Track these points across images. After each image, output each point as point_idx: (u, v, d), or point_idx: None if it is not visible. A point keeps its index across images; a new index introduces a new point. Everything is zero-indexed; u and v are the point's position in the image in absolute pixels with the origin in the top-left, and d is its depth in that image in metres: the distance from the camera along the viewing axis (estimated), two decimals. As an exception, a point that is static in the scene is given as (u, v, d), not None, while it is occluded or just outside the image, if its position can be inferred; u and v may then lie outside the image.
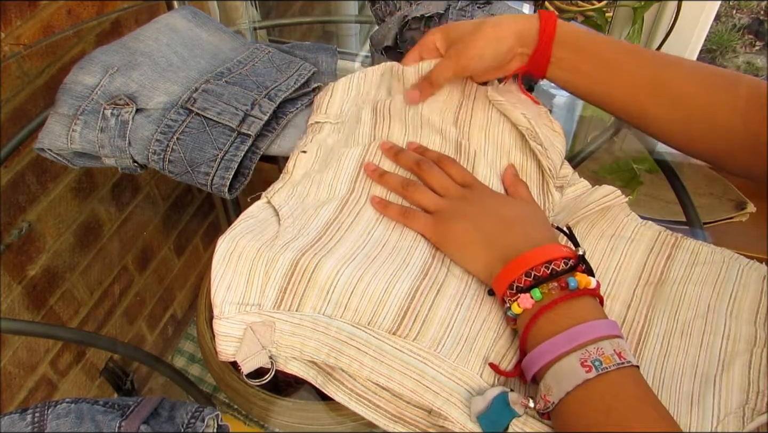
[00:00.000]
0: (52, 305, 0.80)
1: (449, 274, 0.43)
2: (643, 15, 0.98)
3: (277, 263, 0.41)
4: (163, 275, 1.04)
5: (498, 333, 0.41)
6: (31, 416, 0.37)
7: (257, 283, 0.41)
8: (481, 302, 0.42)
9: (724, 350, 0.40)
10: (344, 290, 0.40)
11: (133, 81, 0.53)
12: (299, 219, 0.45)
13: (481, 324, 0.41)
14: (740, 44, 1.80)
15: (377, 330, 0.39)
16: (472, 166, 0.50)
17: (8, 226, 0.70)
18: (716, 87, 0.46)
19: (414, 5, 0.62)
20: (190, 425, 0.37)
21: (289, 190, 0.47)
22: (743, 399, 0.37)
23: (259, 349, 0.39)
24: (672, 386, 0.39)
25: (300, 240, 0.43)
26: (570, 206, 0.50)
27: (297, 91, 0.56)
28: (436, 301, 0.40)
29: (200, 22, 0.63)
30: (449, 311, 0.40)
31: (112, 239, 0.88)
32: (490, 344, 0.40)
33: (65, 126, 0.51)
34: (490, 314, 0.42)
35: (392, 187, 0.48)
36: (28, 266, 0.74)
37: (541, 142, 0.50)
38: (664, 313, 0.43)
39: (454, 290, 0.42)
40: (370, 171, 0.49)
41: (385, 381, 0.38)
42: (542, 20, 0.49)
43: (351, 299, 0.40)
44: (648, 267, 0.46)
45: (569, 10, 1.65)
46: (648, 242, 0.48)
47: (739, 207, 0.69)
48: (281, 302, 0.40)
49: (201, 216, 1.12)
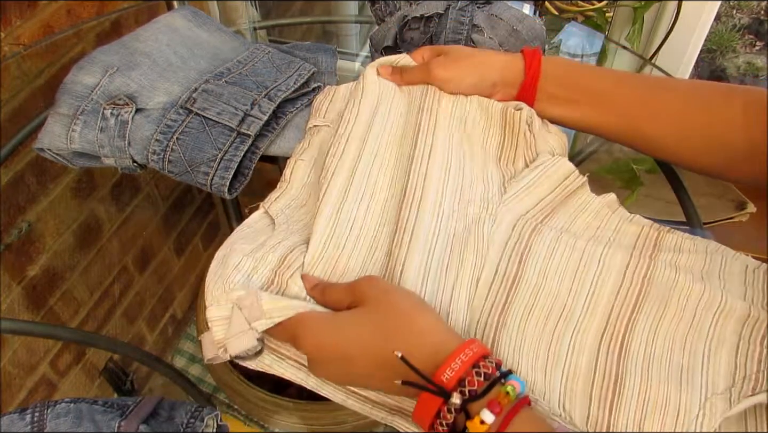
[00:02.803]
0: (52, 305, 0.80)
1: (410, 249, 0.43)
2: (643, 15, 0.98)
3: (266, 259, 0.41)
4: (163, 275, 1.04)
5: (470, 293, 0.42)
6: (30, 416, 0.37)
7: (245, 270, 0.41)
8: (446, 270, 0.42)
9: (714, 325, 0.40)
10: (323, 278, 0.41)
11: (133, 81, 0.53)
12: (293, 225, 0.45)
13: (451, 291, 0.41)
14: (740, 44, 1.80)
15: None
16: (432, 138, 0.50)
17: (8, 226, 0.70)
18: (712, 103, 0.46)
19: (414, 5, 0.62)
20: (189, 424, 0.37)
21: (286, 201, 0.47)
22: (730, 382, 0.38)
23: (246, 327, 0.38)
24: (663, 359, 0.39)
25: (290, 239, 0.43)
26: (531, 177, 0.49)
27: (297, 91, 0.56)
28: (402, 280, 0.41)
29: (200, 22, 0.63)
30: (416, 288, 0.41)
31: (112, 239, 0.88)
32: (465, 309, 0.41)
33: (65, 126, 0.51)
34: (456, 280, 0.42)
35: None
36: (28, 266, 0.74)
37: (533, 129, 0.50)
38: (660, 278, 0.43)
39: (416, 266, 0.42)
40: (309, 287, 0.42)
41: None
42: (527, 59, 0.51)
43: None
44: (629, 271, 0.45)
45: (569, 10, 1.64)
46: (630, 240, 0.47)
47: (739, 207, 0.69)
48: (267, 289, 0.40)
49: (201, 216, 1.12)
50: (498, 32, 0.60)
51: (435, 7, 0.60)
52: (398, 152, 0.50)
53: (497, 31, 0.60)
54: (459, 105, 0.53)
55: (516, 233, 0.46)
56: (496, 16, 0.60)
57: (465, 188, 0.48)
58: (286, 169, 0.49)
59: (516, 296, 0.42)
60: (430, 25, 0.60)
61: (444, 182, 0.47)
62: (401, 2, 0.64)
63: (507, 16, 0.60)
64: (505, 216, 0.47)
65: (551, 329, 0.41)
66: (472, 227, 0.45)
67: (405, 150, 0.50)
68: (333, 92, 0.56)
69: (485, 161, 0.52)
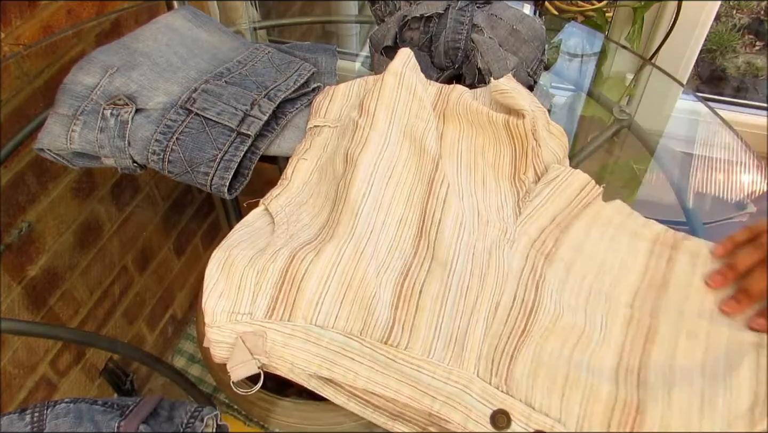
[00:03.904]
0: (52, 305, 0.80)
1: (429, 271, 0.42)
2: (643, 15, 0.98)
3: (268, 271, 0.40)
4: (163, 275, 1.04)
5: (488, 323, 0.41)
6: (30, 416, 0.37)
7: (248, 292, 0.40)
8: (466, 292, 0.42)
9: (730, 343, 0.40)
10: (334, 299, 0.40)
11: (133, 81, 0.53)
12: (293, 225, 0.45)
13: (468, 318, 0.41)
14: (740, 44, 1.79)
15: (369, 340, 0.39)
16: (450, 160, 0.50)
17: (8, 226, 0.70)
18: None
19: (413, 5, 0.62)
20: (189, 424, 0.37)
21: (287, 198, 0.47)
22: (752, 400, 0.37)
23: (248, 358, 0.39)
24: (683, 382, 0.38)
25: (290, 245, 0.43)
26: (545, 195, 0.49)
27: (297, 91, 0.56)
28: (419, 305, 0.40)
29: (200, 22, 0.63)
30: (434, 313, 0.40)
31: (112, 239, 0.88)
32: (481, 336, 0.40)
33: (65, 126, 0.51)
34: (476, 304, 0.41)
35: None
36: (28, 266, 0.74)
37: (538, 137, 0.50)
38: (669, 311, 0.43)
39: (435, 288, 0.41)
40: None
41: (381, 390, 0.38)
42: None
43: (342, 308, 0.40)
44: (650, 270, 0.45)
45: (569, 10, 1.64)
46: (648, 243, 0.47)
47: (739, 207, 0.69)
48: (273, 312, 0.40)
49: (201, 216, 1.12)
50: (498, 32, 0.60)
51: (435, 7, 0.60)
52: (416, 172, 0.49)
53: (497, 31, 0.60)
54: (465, 124, 0.53)
55: (530, 263, 0.45)
56: (496, 16, 0.60)
57: (482, 209, 0.48)
58: (287, 168, 0.49)
59: (535, 322, 0.41)
60: (429, 25, 0.60)
61: (462, 204, 0.47)
62: (401, 2, 0.64)
63: (507, 16, 0.60)
64: (521, 239, 0.46)
65: (568, 355, 0.40)
66: (493, 250, 0.45)
67: (424, 171, 0.49)
68: (332, 92, 0.56)
69: (498, 180, 0.51)
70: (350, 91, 0.56)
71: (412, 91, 0.53)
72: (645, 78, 0.83)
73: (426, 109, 0.52)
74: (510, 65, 0.59)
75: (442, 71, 0.62)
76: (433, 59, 0.62)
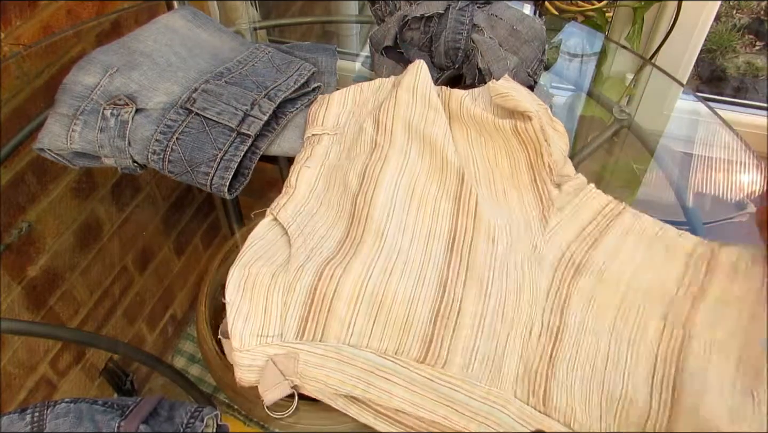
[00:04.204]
0: (52, 305, 0.80)
1: (465, 287, 0.41)
2: (643, 15, 0.98)
3: (295, 290, 0.39)
4: (163, 275, 1.04)
5: (524, 342, 0.40)
6: (30, 416, 0.36)
7: (276, 312, 0.39)
8: (503, 313, 0.41)
9: (762, 357, 0.39)
10: (366, 319, 0.39)
11: (133, 81, 0.53)
12: (310, 238, 0.44)
13: (506, 338, 0.40)
14: (740, 44, 1.80)
15: (405, 359, 0.38)
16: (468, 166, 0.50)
17: (8, 226, 0.70)
18: None
19: (414, 5, 0.62)
20: (189, 424, 0.37)
21: (295, 207, 0.46)
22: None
23: (281, 380, 0.38)
24: (714, 394, 0.38)
25: (314, 260, 0.41)
26: (569, 210, 0.48)
27: (297, 91, 0.56)
28: (458, 322, 0.39)
29: (200, 22, 0.63)
30: (473, 331, 0.39)
31: (112, 239, 0.88)
32: (518, 358, 0.40)
33: (65, 126, 0.51)
34: (512, 325, 0.41)
35: None
36: (28, 266, 0.74)
37: (547, 137, 0.49)
38: (703, 324, 0.42)
39: (473, 306, 0.40)
40: None
41: (414, 410, 0.37)
42: None
43: (375, 328, 0.39)
44: (686, 281, 0.44)
45: (569, 10, 1.64)
46: (685, 255, 0.45)
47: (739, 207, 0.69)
48: (304, 332, 0.39)
49: (201, 216, 1.12)
50: (498, 32, 0.60)
51: (435, 7, 0.60)
52: (440, 185, 0.48)
53: (497, 31, 0.60)
54: (473, 132, 0.53)
55: (556, 282, 0.44)
56: (496, 16, 0.60)
57: (509, 221, 0.47)
58: (291, 175, 0.49)
59: (560, 348, 0.41)
60: (430, 25, 0.60)
61: (492, 216, 0.46)
62: (401, 2, 0.64)
63: (507, 16, 0.60)
64: (549, 253, 0.45)
65: (601, 374, 0.40)
66: (525, 267, 0.44)
67: (450, 183, 0.48)
68: (327, 100, 0.55)
69: (520, 189, 0.50)
70: (346, 99, 0.56)
71: (427, 102, 0.52)
72: (645, 78, 0.83)
73: (442, 117, 0.52)
74: (510, 65, 0.59)
75: (442, 71, 0.62)
76: (433, 59, 0.62)
